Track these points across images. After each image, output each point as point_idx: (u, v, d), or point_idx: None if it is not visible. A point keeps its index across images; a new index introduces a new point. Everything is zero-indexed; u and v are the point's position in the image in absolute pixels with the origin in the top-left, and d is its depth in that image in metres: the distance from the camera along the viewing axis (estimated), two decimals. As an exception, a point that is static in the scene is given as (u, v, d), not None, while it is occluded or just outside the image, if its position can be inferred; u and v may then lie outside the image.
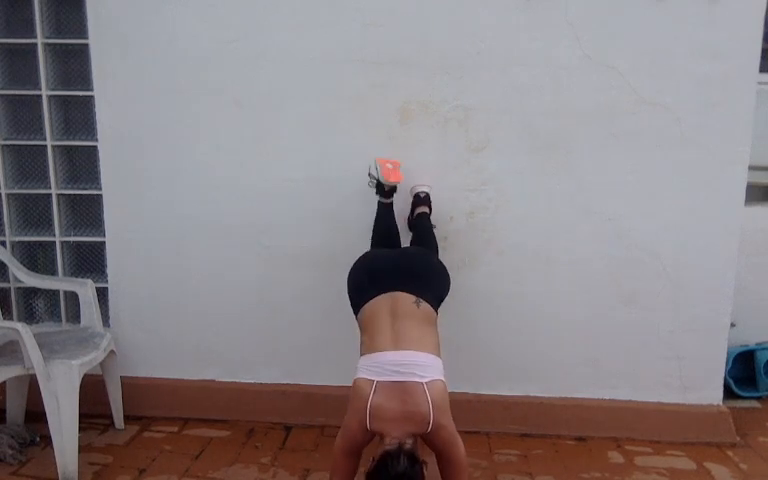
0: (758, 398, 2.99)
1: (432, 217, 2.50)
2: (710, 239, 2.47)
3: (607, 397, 2.61)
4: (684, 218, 2.46)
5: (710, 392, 2.59)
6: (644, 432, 2.58)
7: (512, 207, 2.50)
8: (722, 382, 2.60)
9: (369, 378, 1.80)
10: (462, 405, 2.54)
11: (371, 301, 2.02)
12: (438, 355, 1.90)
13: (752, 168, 2.43)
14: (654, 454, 2.48)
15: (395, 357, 1.83)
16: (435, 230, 2.45)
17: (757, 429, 2.70)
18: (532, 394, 2.64)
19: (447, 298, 2.20)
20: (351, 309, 2.13)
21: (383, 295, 2.02)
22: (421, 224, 2.42)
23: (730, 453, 2.50)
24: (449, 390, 1.86)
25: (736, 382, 2.98)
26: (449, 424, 1.79)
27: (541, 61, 2.38)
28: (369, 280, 2.10)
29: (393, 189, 2.38)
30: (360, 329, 2.03)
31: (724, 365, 2.59)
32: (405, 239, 2.48)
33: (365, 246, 2.50)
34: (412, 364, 1.81)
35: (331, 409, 2.57)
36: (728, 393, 2.82)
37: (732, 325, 2.58)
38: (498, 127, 2.45)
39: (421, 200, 2.45)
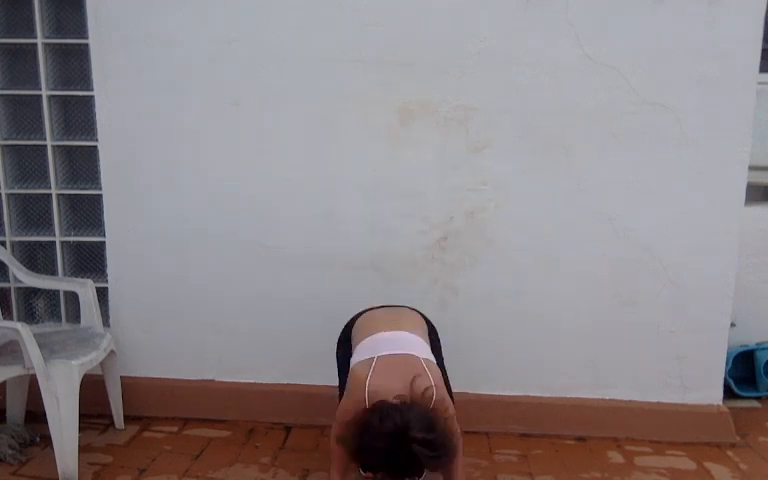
0: (758, 398, 2.99)
1: (433, 218, 2.51)
2: (710, 239, 2.46)
3: (607, 397, 2.61)
4: (684, 218, 2.46)
5: (710, 392, 2.59)
6: (644, 432, 2.58)
7: (512, 207, 2.50)
8: (722, 382, 2.60)
9: (367, 357, 1.77)
10: (462, 405, 2.52)
11: (366, 313, 2.11)
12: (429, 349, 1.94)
13: (752, 168, 2.43)
14: (654, 454, 2.48)
15: (391, 335, 1.83)
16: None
17: (757, 429, 2.70)
18: (532, 394, 2.64)
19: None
20: (349, 319, 2.18)
21: (376, 308, 2.12)
22: None
23: (730, 453, 2.50)
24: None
25: (736, 382, 2.98)
26: (450, 402, 1.80)
27: (541, 61, 2.38)
28: (363, 310, 2.18)
29: None
30: (353, 338, 2.02)
31: (724, 365, 2.59)
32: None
33: (365, 247, 2.51)
34: (408, 341, 1.83)
35: (331, 409, 2.54)
36: (728, 393, 2.82)
37: (732, 325, 2.57)
38: (498, 127, 2.45)
39: None
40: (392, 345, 1.78)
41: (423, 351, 1.84)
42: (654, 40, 2.35)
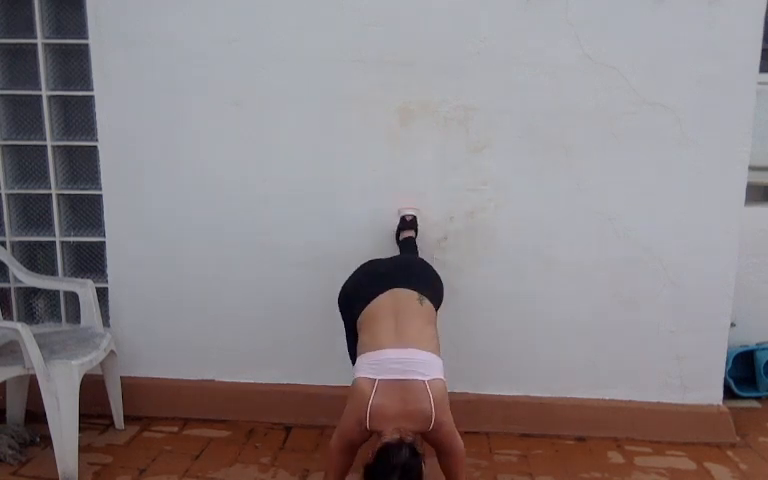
0: (758, 398, 2.99)
1: (433, 218, 2.51)
2: (710, 239, 2.46)
3: (607, 397, 2.61)
4: (684, 218, 2.46)
5: (710, 392, 2.59)
6: (644, 432, 2.58)
7: (512, 207, 2.50)
8: (722, 382, 2.60)
9: (370, 377, 1.79)
10: (462, 405, 2.54)
11: (373, 301, 2.02)
12: (438, 355, 1.90)
13: (752, 168, 2.43)
14: (654, 454, 2.48)
15: (397, 354, 1.82)
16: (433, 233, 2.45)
17: (757, 429, 2.70)
18: (532, 394, 2.64)
19: (444, 302, 2.21)
20: (350, 278, 2.16)
21: (385, 293, 2.02)
22: (407, 248, 2.42)
23: (730, 453, 2.50)
24: (449, 390, 1.87)
25: (736, 382, 2.98)
26: (449, 420, 1.81)
27: (541, 61, 2.38)
28: (369, 281, 2.11)
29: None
30: (360, 330, 2.01)
31: (724, 365, 2.59)
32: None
33: (364, 246, 2.50)
34: (414, 362, 1.81)
35: (331, 409, 2.55)
36: (728, 393, 2.82)
37: (732, 325, 2.58)
38: (498, 127, 2.45)
39: (407, 224, 2.45)
40: (396, 368, 1.80)
41: (427, 369, 1.82)
42: (654, 40, 2.35)
